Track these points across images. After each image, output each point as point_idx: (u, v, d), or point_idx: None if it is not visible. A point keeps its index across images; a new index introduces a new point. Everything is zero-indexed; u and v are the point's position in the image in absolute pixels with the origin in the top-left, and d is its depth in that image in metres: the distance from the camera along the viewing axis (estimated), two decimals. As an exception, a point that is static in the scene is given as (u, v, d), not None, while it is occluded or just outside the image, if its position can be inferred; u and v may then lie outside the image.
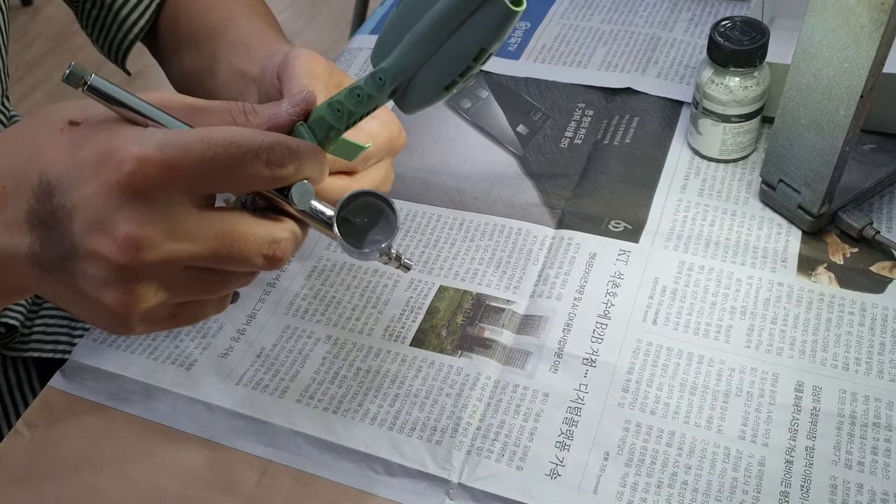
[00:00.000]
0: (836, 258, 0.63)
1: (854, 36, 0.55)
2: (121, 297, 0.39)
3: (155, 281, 0.39)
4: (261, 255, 0.41)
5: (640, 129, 0.75)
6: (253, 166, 0.39)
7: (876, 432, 0.53)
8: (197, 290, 0.41)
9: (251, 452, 0.57)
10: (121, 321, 0.40)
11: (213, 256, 0.39)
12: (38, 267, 0.40)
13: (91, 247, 0.38)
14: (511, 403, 0.57)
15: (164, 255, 0.38)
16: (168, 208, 0.38)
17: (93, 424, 0.59)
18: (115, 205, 0.37)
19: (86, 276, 0.39)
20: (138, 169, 0.37)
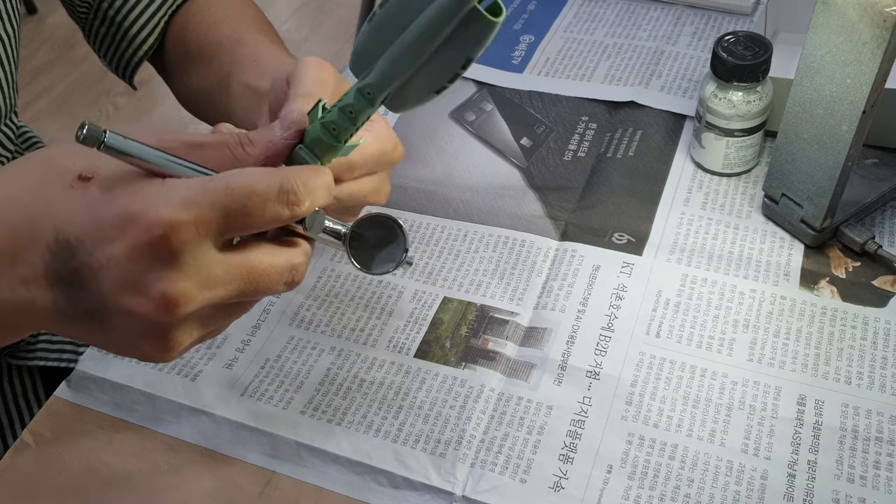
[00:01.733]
0: (839, 272, 0.63)
1: (857, 52, 0.56)
2: (160, 345, 0.41)
3: (190, 325, 0.41)
4: (282, 283, 0.43)
5: (643, 143, 0.75)
6: (274, 210, 0.40)
7: (878, 447, 0.53)
8: (226, 319, 0.44)
9: (254, 463, 0.57)
10: (156, 360, 0.43)
11: (241, 294, 0.41)
12: (62, 317, 0.41)
13: (125, 305, 0.39)
14: (515, 416, 0.57)
15: (199, 305, 0.40)
16: (198, 261, 0.39)
17: (98, 435, 0.59)
18: (147, 265, 0.38)
19: (121, 328, 0.40)
20: (170, 233, 0.38)
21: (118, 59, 0.77)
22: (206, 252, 0.39)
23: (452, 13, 0.40)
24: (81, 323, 0.41)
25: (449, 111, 0.81)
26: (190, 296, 0.39)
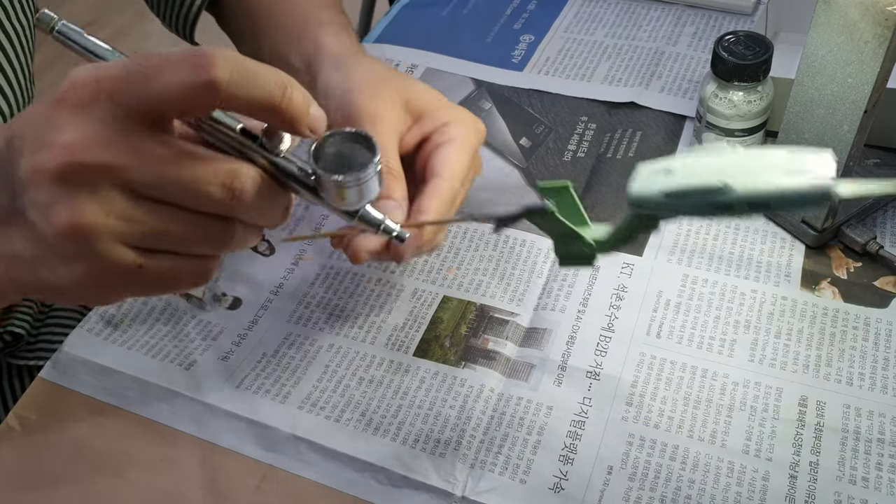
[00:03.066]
0: (840, 273, 0.63)
1: (858, 52, 0.55)
2: (63, 215, 0.37)
3: (98, 199, 0.37)
4: (216, 184, 0.38)
5: (643, 143, 0.75)
6: (175, 72, 0.36)
7: (881, 448, 0.53)
8: (156, 231, 0.38)
9: (250, 455, 0.56)
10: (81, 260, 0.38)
11: (157, 178, 0.37)
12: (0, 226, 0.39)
13: (31, 166, 0.37)
14: (515, 416, 0.56)
15: (100, 162, 0.36)
16: (105, 123, 0.36)
17: (86, 419, 0.59)
18: (53, 122, 0.37)
19: (32, 206, 0.37)
20: (72, 85, 0.36)
21: (175, 17, 0.77)
22: (118, 119, 0.36)
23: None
24: (9, 223, 0.39)
25: (448, 110, 0.80)
26: (89, 146, 0.36)
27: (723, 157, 0.41)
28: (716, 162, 0.41)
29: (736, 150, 0.41)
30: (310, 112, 0.39)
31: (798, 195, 0.39)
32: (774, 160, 0.40)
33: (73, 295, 0.40)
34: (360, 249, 0.53)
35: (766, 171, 0.39)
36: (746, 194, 0.39)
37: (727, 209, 0.40)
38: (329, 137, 0.41)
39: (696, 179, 0.40)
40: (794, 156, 0.39)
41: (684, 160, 0.42)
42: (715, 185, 0.40)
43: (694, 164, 0.41)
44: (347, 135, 0.41)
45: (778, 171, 0.39)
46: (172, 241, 0.39)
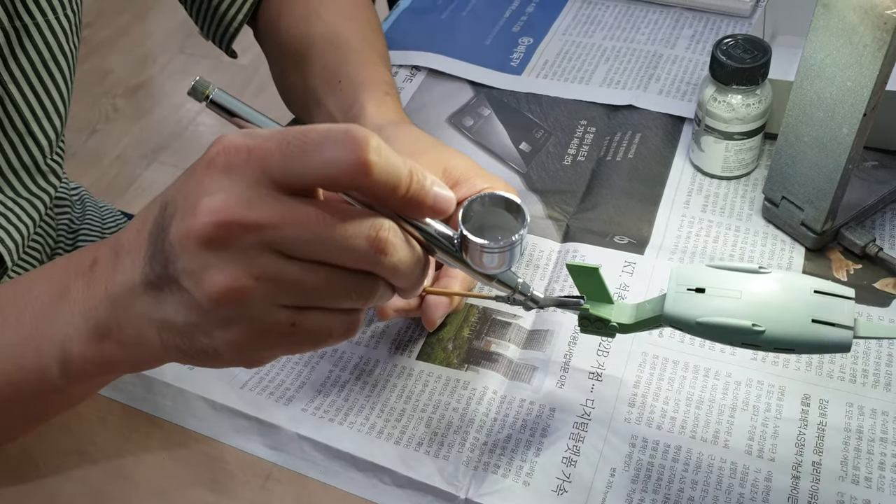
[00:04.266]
0: (840, 275, 0.63)
1: (857, 55, 0.56)
2: (216, 281, 0.37)
3: (248, 261, 0.37)
4: (362, 237, 0.38)
5: (642, 145, 0.75)
6: (333, 151, 0.37)
7: (883, 447, 0.53)
8: (305, 289, 0.39)
9: (255, 454, 0.57)
10: (236, 324, 0.39)
11: (305, 234, 0.37)
12: (151, 293, 0.40)
13: (181, 232, 0.37)
14: (517, 418, 0.57)
15: (248, 222, 0.36)
16: (253, 188, 0.37)
17: (89, 415, 0.59)
18: (201, 186, 0.37)
19: (184, 273, 0.38)
20: (222, 151, 0.37)
21: (213, 31, 0.79)
22: (260, 180, 0.37)
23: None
24: (162, 290, 0.39)
25: (447, 117, 0.81)
26: (238, 210, 0.36)
27: (754, 281, 0.45)
28: (746, 285, 0.45)
29: (768, 274, 0.45)
30: (433, 196, 0.40)
31: (821, 345, 0.43)
32: (803, 297, 0.44)
33: (229, 358, 0.41)
34: (386, 306, 0.55)
35: (795, 309, 0.44)
36: (774, 339, 0.44)
37: (754, 345, 0.44)
38: (478, 200, 0.42)
39: (729, 318, 0.44)
40: (822, 299, 0.44)
41: (716, 276, 0.46)
42: (747, 326, 0.44)
43: (725, 284, 0.45)
44: (497, 199, 0.42)
45: (804, 313, 0.43)
46: (322, 298, 0.40)
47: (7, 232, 0.63)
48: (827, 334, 0.43)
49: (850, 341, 0.43)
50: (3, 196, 0.65)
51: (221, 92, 0.40)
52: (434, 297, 0.55)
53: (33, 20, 0.62)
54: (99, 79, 2.36)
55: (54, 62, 0.64)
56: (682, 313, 0.45)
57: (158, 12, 2.59)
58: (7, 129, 0.64)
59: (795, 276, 0.45)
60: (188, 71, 2.39)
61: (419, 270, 0.42)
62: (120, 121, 2.26)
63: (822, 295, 0.44)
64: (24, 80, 0.63)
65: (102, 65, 2.42)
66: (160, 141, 2.19)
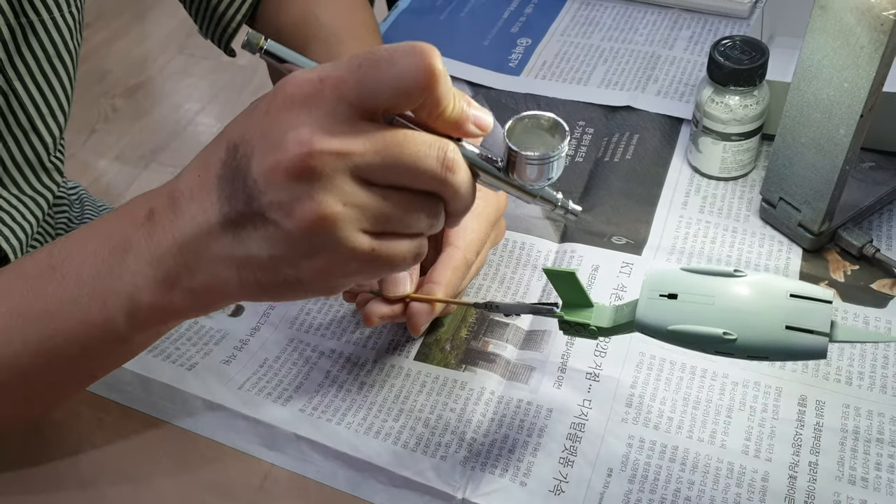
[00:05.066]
0: (837, 276, 0.64)
1: (854, 56, 0.56)
2: (308, 209, 0.39)
3: (334, 188, 0.39)
4: (433, 157, 0.40)
5: (640, 146, 0.75)
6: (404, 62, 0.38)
7: (879, 448, 0.53)
8: (384, 213, 0.41)
9: (252, 454, 0.57)
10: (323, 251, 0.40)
11: (384, 158, 0.39)
12: (231, 233, 0.41)
13: (267, 167, 0.39)
14: (515, 419, 0.57)
15: (333, 150, 0.38)
16: (332, 117, 0.39)
17: (86, 416, 0.59)
18: (282, 122, 0.39)
19: (272, 206, 0.39)
20: (297, 86, 0.39)
21: (212, 31, 0.80)
22: (341, 112, 0.39)
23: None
24: (245, 228, 0.40)
25: (446, 115, 0.81)
26: (321, 139, 0.38)
27: (728, 285, 0.44)
28: (720, 289, 0.44)
29: (743, 277, 0.44)
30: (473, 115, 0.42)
31: (794, 353, 0.42)
32: (777, 302, 0.43)
33: (310, 287, 0.43)
34: (371, 314, 0.56)
35: (769, 316, 0.43)
36: (746, 347, 0.43)
37: (727, 353, 0.43)
38: (520, 119, 0.44)
39: (700, 326, 0.43)
40: (798, 303, 0.42)
41: (690, 281, 0.45)
42: (718, 334, 0.43)
43: (698, 290, 0.44)
44: (536, 119, 0.44)
45: (778, 319, 0.42)
46: (398, 222, 0.42)
47: (11, 230, 0.63)
48: (800, 342, 0.42)
49: (825, 348, 0.42)
50: (7, 193, 0.65)
51: (273, 42, 0.43)
52: (418, 304, 0.55)
53: (39, 17, 0.62)
54: (98, 79, 2.36)
55: (59, 59, 0.65)
56: (654, 321, 0.45)
57: (157, 13, 2.59)
58: (12, 126, 0.64)
59: (771, 279, 0.44)
60: (187, 71, 2.40)
61: (472, 193, 0.44)
62: (119, 121, 2.26)
63: (797, 299, 0.43)
64: (28, 77, 0.63)
65: (101, 65, 2.42)
66: (159, 141, 2.19)
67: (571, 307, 0.49)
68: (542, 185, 0.45)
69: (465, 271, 0.57)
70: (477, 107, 0.43)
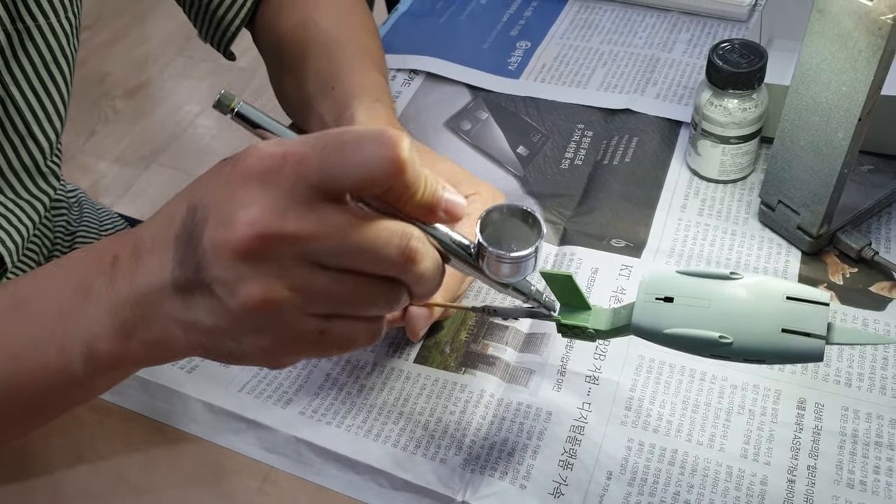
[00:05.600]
0: (836, 278, 0.64)
1: (852, 60, 0.56)
2: (251, 292, 0.38)
3: (282, 272, 0.38)
4: (394, 245, 0.39)
5: (639, 149, 0.75)
6: (370, 149, 0.37)
7: (878, 451, 0.54)
8: (335, 298, 0.40)
9: (252, 457, 0.57)
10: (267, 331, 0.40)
11: (339, 245, 0.38)
12: (180, 296, 0.40)
13: (216, 242, 0.38)
14: (514, 421, 0.57)
15: (284, 234, 0.37)
16: (288, 197, 0.37)
17: (87, 419, 0.59)
18: (237, 197, 0.38)
19: (217, 282, 0.39)
20: (258, 160, 0.37)
21: (210, 35, 0.80)
22: (302, 193, 0.37)
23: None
24: (193, 294, 0.40)
25: (444, 120, 0.81)
26: (274, 222, 0.37)
27: (724, 288, 0.44)
28: (716, 292, 0.44)
29: (739, 280, 0.44)
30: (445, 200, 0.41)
31: (791, 356, 0.42)
32: (774, 305, 0.43)
33: (255, 360, 0.42)
34: None
35: (765, 319, 0.42)
36: (742, 350, 0.43)
37: (723, 357, 0.43)
38: (495, 210, 0.43)
39: (695, 330, 0.43)
40: (794, 306, 0.42)
41: (686, 284, 0.45)
42: (714, 338, 0.42)
43: (694, 293, 0.44)
44: (513, 210, 0.43)
45: (774, 322, 0.42)
46: (351, 306, 0.40)
47: (7, 233, 0.64)
48: (797, 344, 0.42)
49: (822, 351, 0.42)
50: (3, 197, 0.65)
51: (246, 105, 0.41)
52: (417, 308, 0.55)
53: (35, 22, 0.62)
54: (98, 81, 2.36)
55: (55, 64, 0.65)
56: (650, 324, 0.45)
57: (157, 15, 2.59)
58: (8, 131, 0.64)
59: (768, 282, 0.44)
60: (187, 73, 2.40)
61: (439, 278, 0.42)
62: (119, 123, 2.26)
63: (794, 301, 0.42)
64: (25, 82, 0.63)
65: (101, 67, 2.42)
66: (159, 143, 2.19)
67: (569, 310, 0.49)
68: (515, 280, 0.45)
69: (463, 276, 0.57)
70: (451, 192, 0.41)
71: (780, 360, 0.43)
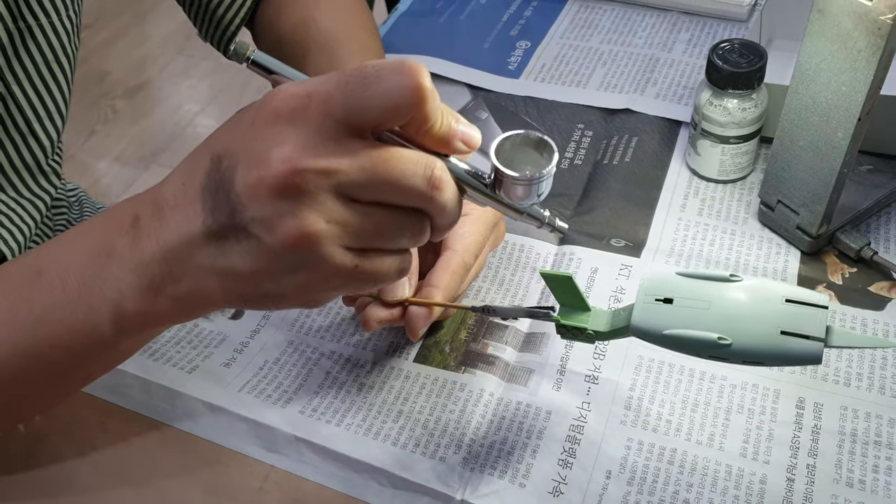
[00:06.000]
0: (835, 278, 0.64)
1: (852, 60, 0.56)
2: (291, 226, 0.39)
3: (318, 206, 0.39)
4: (420, 175, 0.40)
5: (639, 149, 0.76)
6: (392, 79, 0.38)
7: (877, 450, 0.54)
8: (368, 230, 0.41)
9: (252, 456, 0.57)
10: (305, 267, 0.40)
11: (370, 176, 0.39)
12: (214, 244, 0.41)
13: (250, 183, 0.39)
14: (514, 420, 0.57)
15: (318, 168, 0.38)
16: (318, 134, 0.38)
17: (89, 419, 0.59)
18: (267, 137, 0.39)
19: (254, 221, 0.39)
20: (282, 101, 0.39)
21: (211, 35, 0.80)
22: (327, 129, 0.38)
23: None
24: (228, 240, 0.40)
25: (446, 117, 0.81)
26: (306, 158, 0.38)
27: (724, 290, 0.44)
28: (715, 294, 0.44)
29: (738, 282, 0.44)
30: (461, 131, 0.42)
31: (789, 358, 0.42)
32: (773, 307, 0.43)
33: (292, 300, 0.43)
34: (370, 318, 0.56)
35: (764, 321, 0.43)
36: (741, 352, 0.43)
37: (722, 358, 0.43)
38: (509, 138, 0.44)
39: (694, 331, 0.43)
40: (793, 308, 0.42)
41: (685, 286, 0.45)
42: (713, 339, 0.43)
43: (693, 294, 0.44)
44: (525, 137, 0.44)
45: (773, 324, 0.42)
46: (382, 238, 0.42)
47: (10, 232, 0.64)
48: (795, 347, 0.42)
49: (820, 353, 0.42)
50: (5, 196, 0.65)
51: (261, 52, 0.43)
52: (416, 308, 0.55)
53: (37, 21, 0.62)
54: (98, 80, 2.36)
55: (57, 63, 0.65)
56: (649, 325, 0.45)
57: (157, 14, 2.59)
58: (10, 129, 0.64)
59: (767, 284, 0.44)
60: (187, 73, 2.40)
61: (459, 209, 0.44)
62: (118, 122, 2.26)
63: (793, 304, 0.43)
64: (27, 81, 0.63)
65: (101, 66, 2.42)
66: (159, 143, 2.19)
67: (569, 311, 0.49)
68: (530, 203, 0.45)
69: (463, 275, 0.57)
70: (465, 123, 0.42)
71: (779, 362, 0.43)
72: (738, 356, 0.43)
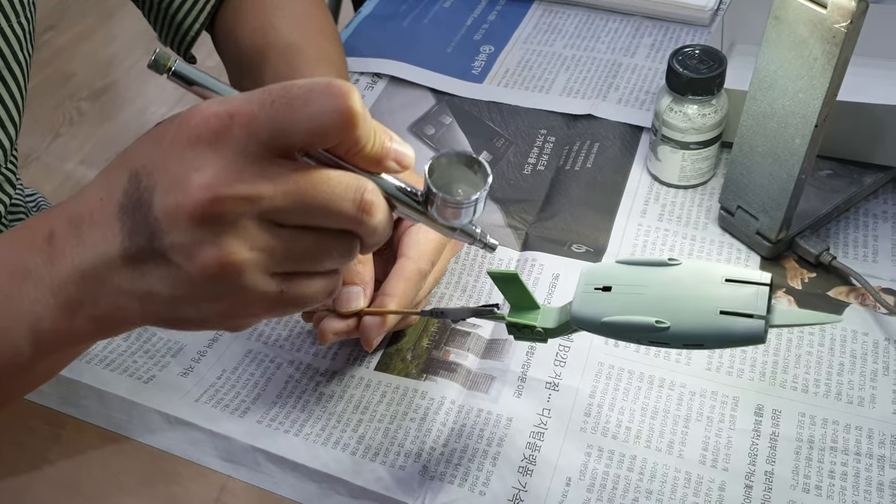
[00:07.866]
0: (795, 283, 0.64)
1: (808, 67, 0.57)
2: (211, 256, 0.37)
3: (240, 233, 0.37)
4: (349, 200, 0.39)
5: (600, 155, 0.76)
6: (320, 102, 0.37)
7: (833, 456, 0.54)
8: (293, 255, 0.40)
9: (209, 467, 0.56)
10: (227, 295, 0.39)
11: (295, 201, 0.38)
12: (132, 267, 0.39)
13: (169, 209, 0.37)
14: (475, 428, 0.57)
15: (240, 195, 0.36)
16: (240, 158, 0.37)
17: (42, 431, 0.58)
18: (187, 160, 0.37)
19: (174, 248, 0.38)
20: (203, 120, 0.37)
21: (171, 39, 0.79)
22: (252, 153, 0.37)
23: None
24: (146, 263, 0.39)
25: (408, 125, 0.81)
26: (227, 183, 0.36)
27: (663, 274, 0.43)
28: (654, 279, 0.44)
29: (677, 266, 0.44)
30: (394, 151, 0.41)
31: (731, 338, 0.41)
32: (712, 288, 0.42)
33: (215, 324, 0.42)
34: (326, 330, 0.55)
35: (703, 302, 0.42)
36: (680, 334, 0.42)
37: (662, 343, 0.43)
38: (443, 156, 0.43)
39: (631, 316, 0.43)
40: (733, 288, 0.42)
41: (624, 273, 0.44)
42: (650, 323, 0.42)
43: (632, 280, 0.44)
44: (460, 156, 0.43)
45: (712, 305, 0.42)
46: (309, 262, 0.41)
47: None
48: (735, 326, 0.41)
49: (762, 332, 0.41)
50: None
51: (183, 63, 0.41)
52: (370, 318, 0.55)
53: None
54: (62, 82, 2.33)
55: (8, 70, 0.63)
56: (588, 314, 0.44)
57: (123, 15, 2.56)
58: None
59: (706, 266, 0.44)
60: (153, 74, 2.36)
61: (390, 228, 0.43)
62: (84, 125, 2.23)
63: (733, 283, 0.42)
64: None
65: (66, 68, 2.39)
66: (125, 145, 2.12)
67: (520, 310, 0.49)
68: (461, 224, 0.45)
69: (418, 282, 0.57)
70: (399, 142, 0.41)
71: (720, 343, 0.42)
72: (678, 339, 0.42)
